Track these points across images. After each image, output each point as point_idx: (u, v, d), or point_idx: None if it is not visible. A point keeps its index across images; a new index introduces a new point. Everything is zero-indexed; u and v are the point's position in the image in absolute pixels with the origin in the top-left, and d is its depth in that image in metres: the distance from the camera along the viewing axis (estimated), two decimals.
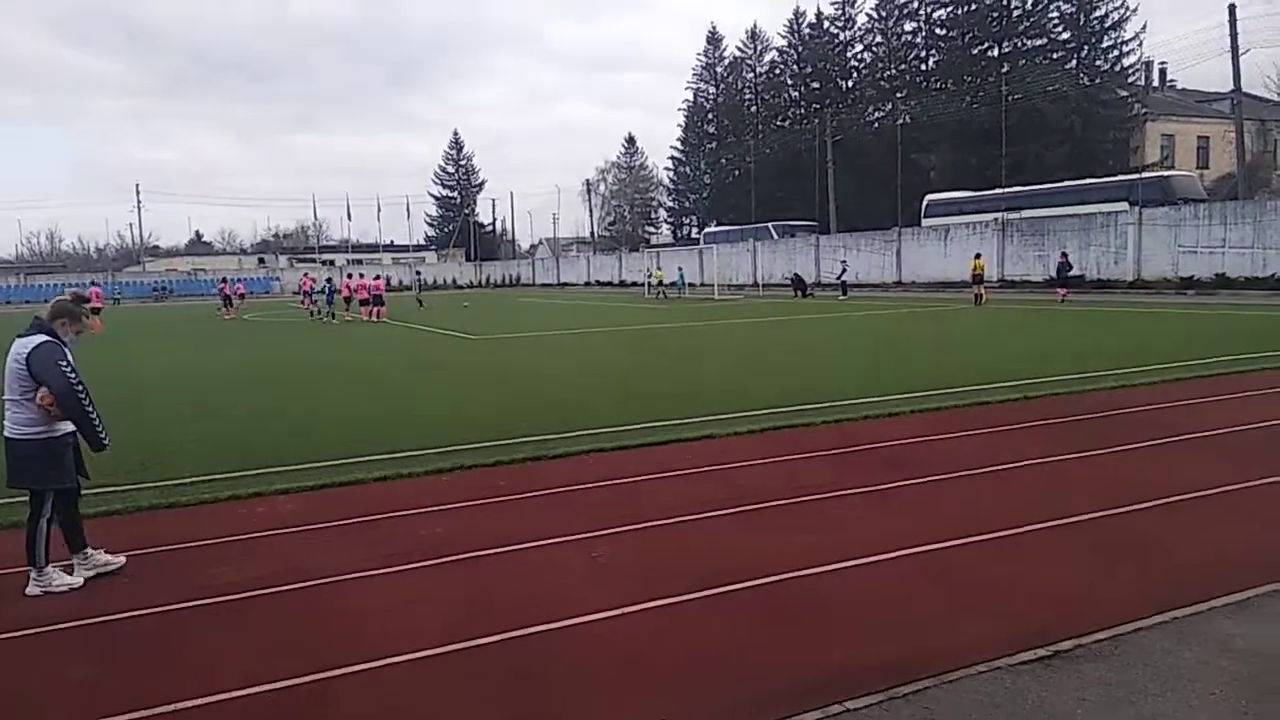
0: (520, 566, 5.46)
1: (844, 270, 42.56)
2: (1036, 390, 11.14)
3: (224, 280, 43.29)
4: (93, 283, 40.45)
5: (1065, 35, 55.33)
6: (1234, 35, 36.43)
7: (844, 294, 40.31)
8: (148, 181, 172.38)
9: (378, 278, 36.92)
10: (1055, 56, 55.07)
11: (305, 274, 50.03)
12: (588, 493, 7.11)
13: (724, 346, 19.69)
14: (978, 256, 33.12)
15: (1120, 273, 35.12)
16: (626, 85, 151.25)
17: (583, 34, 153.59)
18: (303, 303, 42.00)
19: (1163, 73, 61.05)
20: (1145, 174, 42.34)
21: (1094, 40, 54.38)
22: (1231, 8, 36.14)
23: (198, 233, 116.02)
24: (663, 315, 31.58)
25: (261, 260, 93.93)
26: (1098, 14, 53.82)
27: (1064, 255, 31.77)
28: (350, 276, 36.37)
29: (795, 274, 46.04)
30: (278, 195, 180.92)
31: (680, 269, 53.10)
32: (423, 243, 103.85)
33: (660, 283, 50.17)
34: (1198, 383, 11.53)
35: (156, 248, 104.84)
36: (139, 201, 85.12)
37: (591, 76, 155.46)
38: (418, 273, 50.85)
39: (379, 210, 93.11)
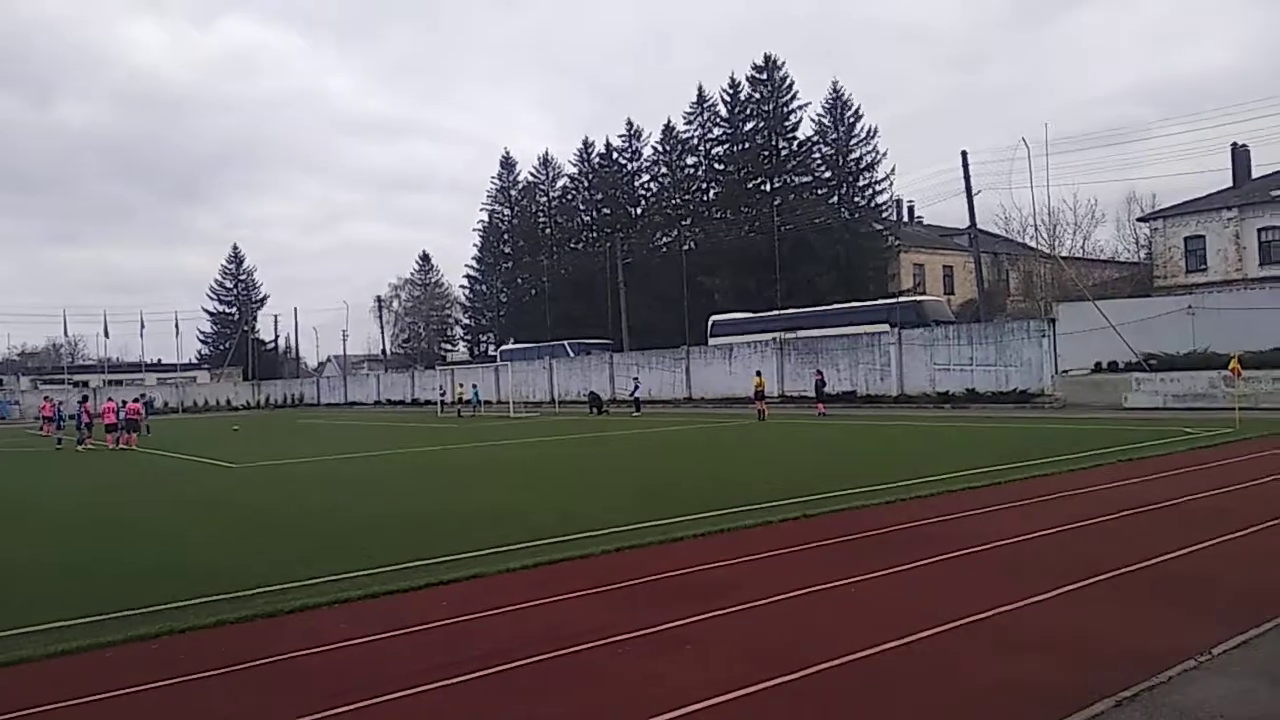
0: None
1: (636, 388, 43.15)
2: (816, 508, 11.15)
3: None
4: None
5: (827, 174, 61.08)
6: (967, 177, 41.46)
7: (637, 410, 40.70)
8: None
9: (139, 399, 33.21)
10: (820, 193, 60.45)
11: (46, 397, 44.50)
12: (322, 657, 6.02)
13: (510, 469, 18.86)
14: (758, 374, 34.63)
15: (886, 388, 37.82)
16: (418, 205, 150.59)
17: (375, 154, 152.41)
18: (43, 429, 37.49)
19: (911, 209, 68.63)
20: (901, 298, 46.57)
21: (851, 179, 60.39)
22: (964, 153, 41.25)
23: None
24: (452, 436, 30.29)
25: None
26: (853, 156, 60.01)
27: (819, 373, 34.92)
28: (85, 400, 32.08)
29: (592, 391, 46.18)
30: (26, 311, 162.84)
31: (475, 387, 51.94)
32: (194, 361, 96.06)
33: (458, 400, 49.32)
34: (964, 495, 12.01)
35: None
36: None
37: (384, 195, 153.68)
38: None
39: (142, 326, 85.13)
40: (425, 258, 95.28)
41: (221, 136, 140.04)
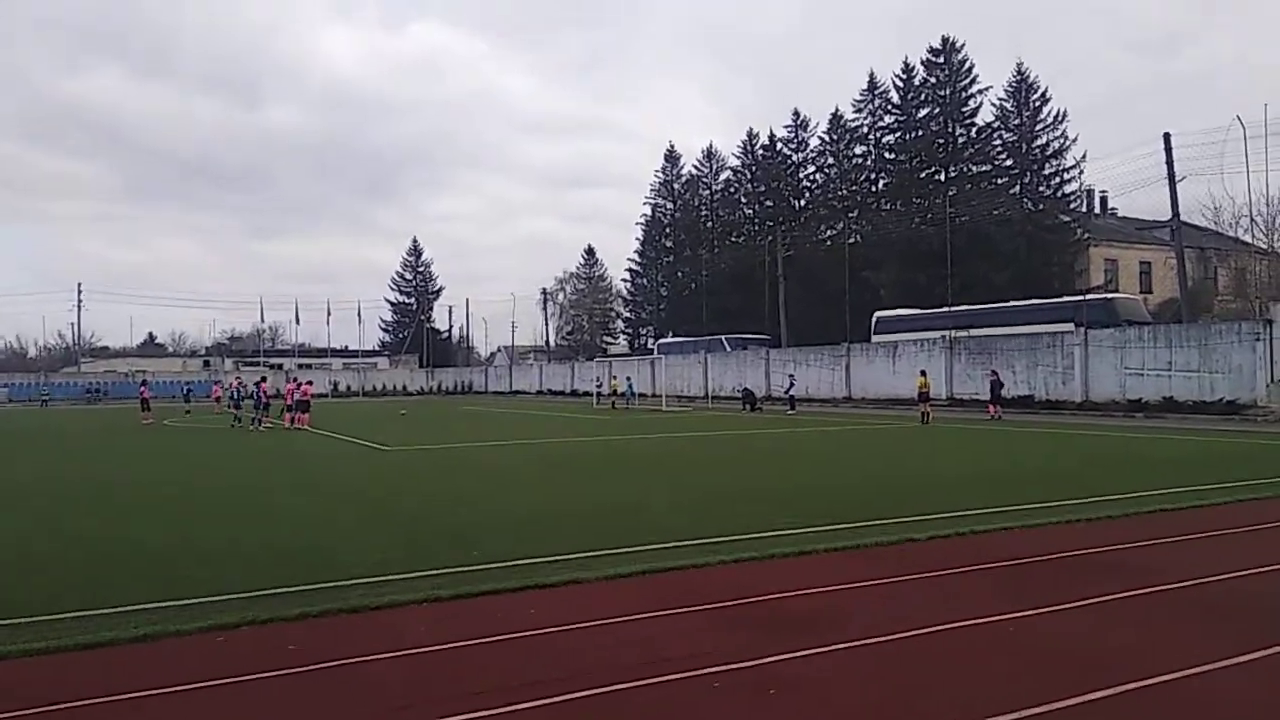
0: None
1: (791, 385, 41.76)
2: (970, 525, 9.81)
3: (143, 384, 41.12)
4: None
5: (1009, 162, 56.91)
6: (1170, 163, 37.28)
7: (792, 409, 39.34)
8: (97, 282, 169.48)
9: (307, 382, 35.15)
10: (1000, 182, 56.40)
11: (215, 381, 49.22)
12: (389, 664, 5.53)
13: (647, 464, 18.28)
14: (923, 374, 32.42)
15: (1069, 393, 34.60)
16: (587, 200, 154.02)
17: (548, 152, 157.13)
18: (216, 408, 41.75)
19: (1104, 200, 62.74)
20: (1089, 296, 42.61)
21: (1036, 168, 55.93)
22: (1166, 136, 37.09)
23: (150, 334, 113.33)
24: (603, 428, 30.17)
25: (206, 363, 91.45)
26: (1039, 143, 55.53)
27: (994, 373, 32.90)
28: (262, 381, 34.16)
29: (745, 388, 45.25)
30: (233, 299, 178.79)
31: (629, 379, 52.21)
32: (376, 348, 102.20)
33: (614, 392, 49.98)
34: (1157, 518, 10.31)
35: (105, 348, 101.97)
36: (79, 300, 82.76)
37: (554, 192, 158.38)
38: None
39: (329, 314, 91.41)
40: (590, 252, 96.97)
41: (407, 137, 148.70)
